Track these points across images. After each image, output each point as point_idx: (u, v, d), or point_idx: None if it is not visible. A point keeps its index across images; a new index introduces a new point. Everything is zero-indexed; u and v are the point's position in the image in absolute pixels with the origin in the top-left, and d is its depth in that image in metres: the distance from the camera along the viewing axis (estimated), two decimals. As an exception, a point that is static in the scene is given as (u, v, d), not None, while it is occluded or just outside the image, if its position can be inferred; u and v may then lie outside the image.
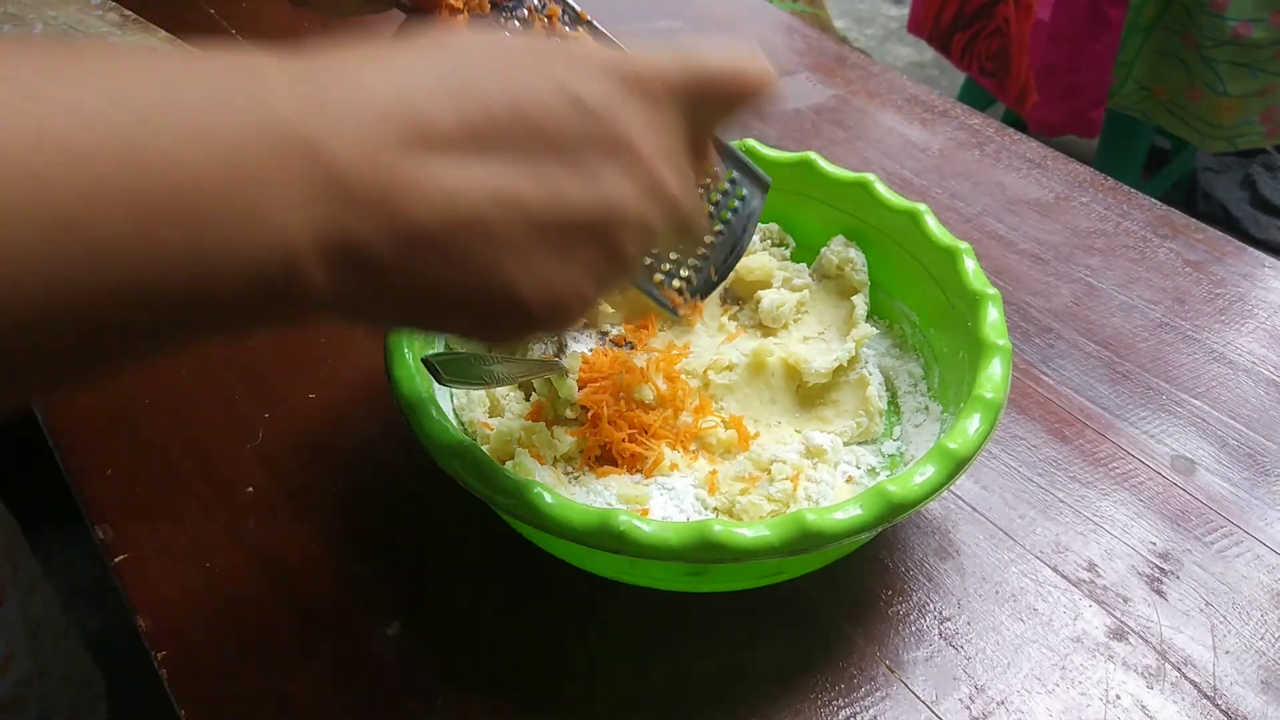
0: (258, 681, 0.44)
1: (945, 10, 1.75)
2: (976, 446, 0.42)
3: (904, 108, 0.87)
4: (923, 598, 0.48)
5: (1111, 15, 1.45)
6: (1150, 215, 0.74)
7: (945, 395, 0.52)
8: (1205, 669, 0.46)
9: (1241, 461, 0.56)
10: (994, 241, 0.71)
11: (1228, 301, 0.67)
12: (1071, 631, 0.47)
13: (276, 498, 0.52)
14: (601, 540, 0.38)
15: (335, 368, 0.59)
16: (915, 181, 0.77)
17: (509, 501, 0.40)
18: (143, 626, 0.46)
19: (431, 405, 0.43)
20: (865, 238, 0.58)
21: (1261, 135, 1.52)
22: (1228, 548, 0.51)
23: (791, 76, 0.91)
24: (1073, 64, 1.50)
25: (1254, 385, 0.61)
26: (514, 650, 0.46)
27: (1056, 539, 0.51)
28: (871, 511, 0.39)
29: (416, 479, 0.53)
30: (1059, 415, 0.58)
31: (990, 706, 0.44)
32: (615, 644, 0.46)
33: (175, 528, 0.50)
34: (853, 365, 0.55)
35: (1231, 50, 1.42)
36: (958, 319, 0.51)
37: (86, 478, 0.53)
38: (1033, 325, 0.64)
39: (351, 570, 0.49)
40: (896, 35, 2.77)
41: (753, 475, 0.48)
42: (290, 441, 0.55)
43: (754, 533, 0.38)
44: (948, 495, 0.53)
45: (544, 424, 0.51)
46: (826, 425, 0.53)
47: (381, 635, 0.46)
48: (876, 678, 0.45)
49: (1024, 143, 0.82)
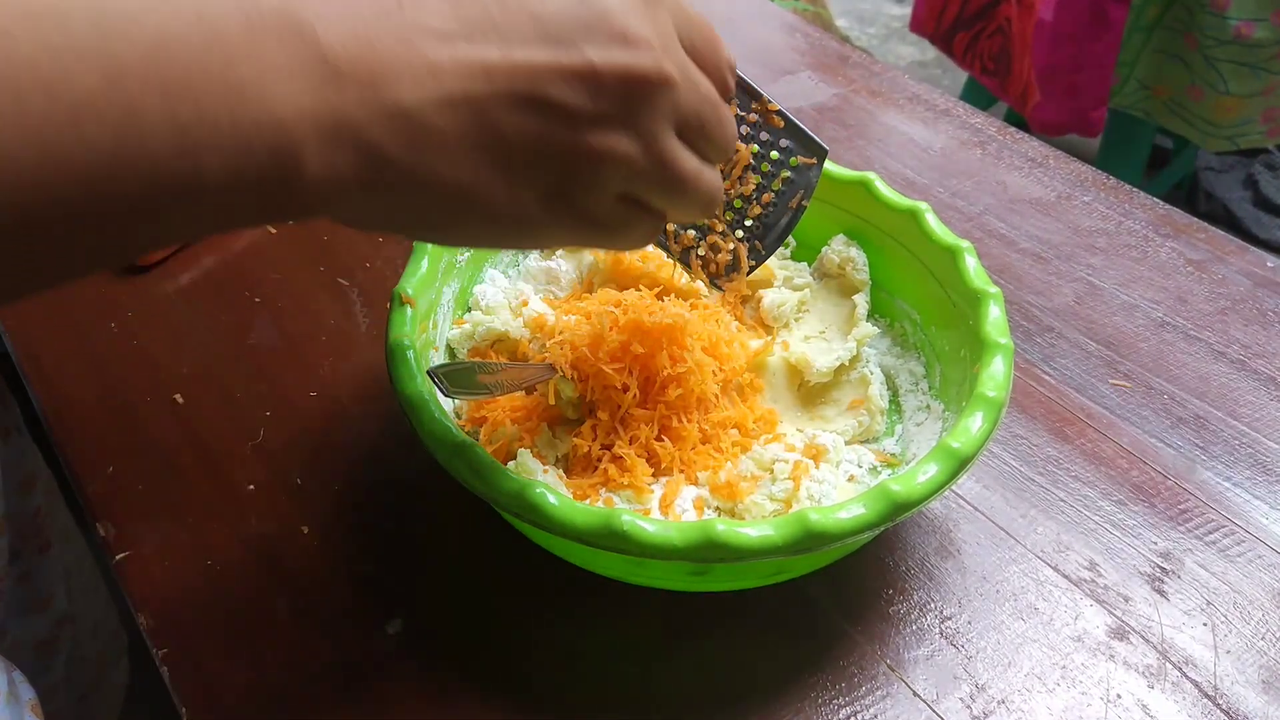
0: (259, 679, 0.44)
1: (947, 9, 1.75)
2: (979, 445, 0.42)
3: (906, 107, 0.87)
4: (924, 597, 0.48)
5: (1113, 15, 1.45)
6: (1152, 214, 0.74)
7: (947, 394, 0.52)
8: (1206, 668, 0.46)
9: (1242, 461, 0.56)
10: (995, 240, 0.71)
11: (1229, 301, 0.67)
12: (1072, 631, 0.47)
13: (278, 496, 0.52)
14: (605, 540, 0.38)
15: (337, 366, 0.59)
16: (917, 180, 0.77)
17: (511, 501, 0.40)
18: (144, 624, 0.46)
19: (433, 404, 0.43)
20: (866, 236, 0.57)
21: (1263, 135, 1.52)
22: (1229, 547, 0.51)
23: (793, 75, 0.91)
24: (1074, 63, 1.50)
25: (1255, 385, 0.61)
26: (515, 649, 0.46)
27: (1057, 538, 0.51)
28: (875, 511, 0.39)
29: (418, 478, 0.53)
30: (1060, 414, 0.58)
31: (991, 705, 0.44)
32: (617, 643, 0.46)
33: (177, 526, 0.50)
34: (854, 364, 0.55)
35: (1233, 50, 1.42)
36: (959, 318, 0.51)
37: (88, 475, 0.53)
38: (1034, 324, 0.64)
39: (353, 568, 0.49)
40: (898, 34, 2.77)
41: (755, 475, 0.48)
42: (292, 440, 0.55)
43: (757, 532, 0.38)
44: (949, 494, 0.53)
45: (545, 424, 0.51)
46: (828, 424, 0.53)
47: (382, 633, 0.46)
48: (877, 676, 0.45)
49: (1026, 142, 0.82)
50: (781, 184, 0.42)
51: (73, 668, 0.69)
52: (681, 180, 0.33)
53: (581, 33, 0.29)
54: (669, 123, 0.32)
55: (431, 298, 0.51)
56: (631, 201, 0.33)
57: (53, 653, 0.66)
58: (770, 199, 0.42)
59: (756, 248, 0.43)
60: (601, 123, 0.30)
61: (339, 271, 0.66)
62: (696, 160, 0.33)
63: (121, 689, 0.78)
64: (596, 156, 0.30)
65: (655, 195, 0.33)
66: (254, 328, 0.62)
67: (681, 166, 0.32)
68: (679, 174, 0.32)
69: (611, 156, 0.30)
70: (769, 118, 0.42)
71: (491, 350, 0.55)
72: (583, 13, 0.29)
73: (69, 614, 0.67)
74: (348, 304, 0.64)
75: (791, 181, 0.42)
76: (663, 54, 0.30)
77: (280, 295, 0.64)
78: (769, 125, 0.42)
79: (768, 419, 0.52)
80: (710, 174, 0.34)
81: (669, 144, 0.32)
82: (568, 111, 0.29)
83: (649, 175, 0.32)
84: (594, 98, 0.29)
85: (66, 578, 0.67)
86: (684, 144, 0.33)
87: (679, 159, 0.32)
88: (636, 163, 0.31)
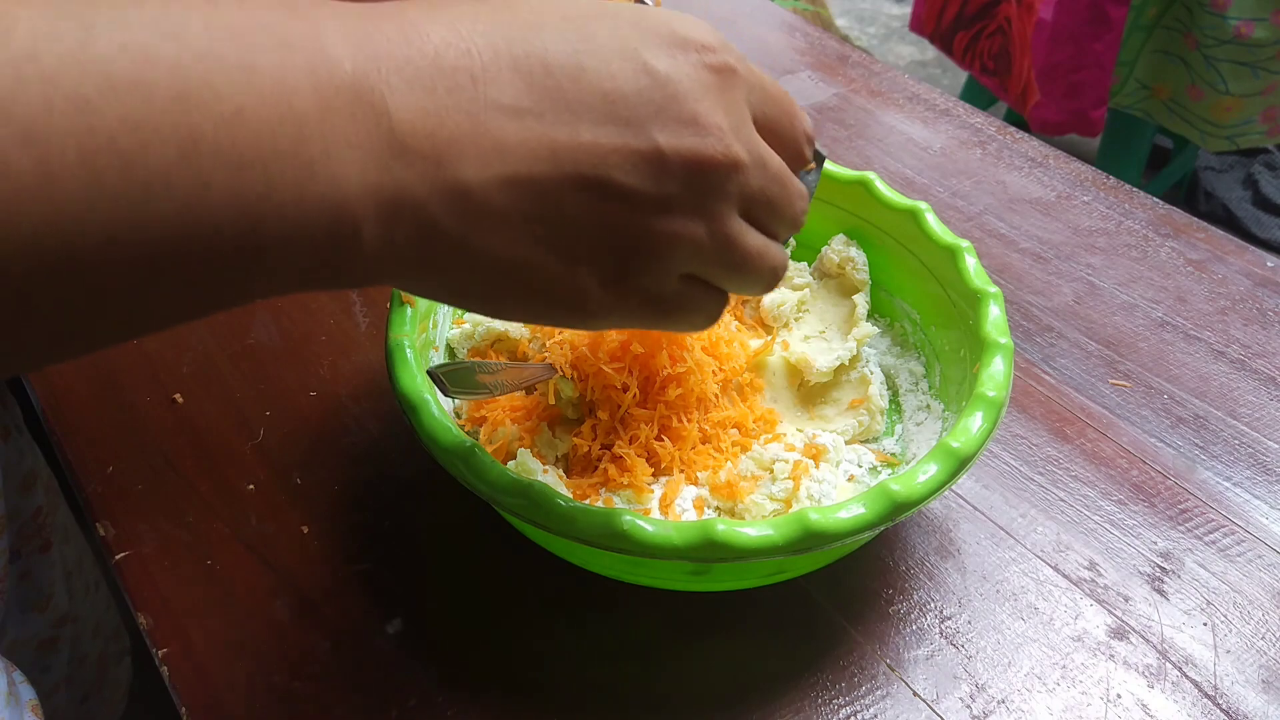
0: (259, 679, 0.44)
1: (947, 9, 1.75)
2: (979, 445, 0.42)
3: (906, 106, 0.87)
4: (923, 596, 0.48)
5: (1113, 14, 1.45)
6: (1152, 214, 0.74)
7: (947, 394, 0.52)
8: (1206, 668, 0.46)
9: (1242, 461, 0.56)
10: (995, 240, 0.71)
11: (1229, 301, 0.67)
12: (1072, 630, 0.47)
13: (278, 495, 0.52)
14: (605, 540, 0.38)
15: (337, 366, 0.59)
16: (917, 180, 0.77)
17: (511, 502, 0.40)
18: (143, 624, 0.46)
19: (433, 404, 0.43)
20: (866, 236, 0.58)
21: (1263, 134, 1.52)
22: (1229, 547, 0.51)
23: (793, 75, 0.91)
24: (1074, 63, 1.50)
25: (1255, 384, 0.61)
26: (515, 649, 0.46)
27: (1057, 538, 0.51)
28: (875, 510, 0.39)
29: (418, 477, 0.53)
30: (1060, 414, 0.58)
31: (991, 705, 0.44)
32: (616, 643, 0.46)
33: (176, 525, 0.50)
34: (854, 364, 0.55)
35: (1233, 49, 1.42)
36: (959, 317, 0.51)
37: (88, 475, 0.53)
38: (1034, 324, 0.64)
39: (353, 568, 0.49)
40: (898, 34, 2.77)
41: (755, 474, 0.48)
42: (292, 439, 0.55)
43: (758, 532, 0.38)
44: (949, 494, 0.53)
45: (545, 424, 0.51)
46: (828, 424, 0.53)
47: (382, 633, 0.46)
48: (877, 676, 0.45)
49: (1026, 142, 0.82)
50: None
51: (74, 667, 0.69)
52: (745, 260, 0.32)
53: (651, 115, 0.28)
54: (735, 203, 0.31)
55: (431, 297, 0.51)
56: (695, 281, 0.33)
57: (53, 652, 0.66)
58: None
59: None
60: (666, 206, 0.29)
61: (339, 271, 0.66)
62: (762, 238, 0.33)
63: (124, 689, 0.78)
64: (660, 240, 0.30)
65: (719, 275, 0.33)
66: (254, 328, 0.62)
67: (746, 246, 0.32)
68: (743, 255, 0.32)
69: (675, 240, 0.30)
70: None
71: (491, 350, 0.55)
72: (655, 95, 0.29)
73: (70, 614, 0.67)
74: (347, 304, 0.64)
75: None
76: (733, 137, 0.30)
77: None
78: None
79: (768, 419, 0.52)
80: (775, 251, 0.34)
81: (733, 225, 0.31)
82: (632, 195, 0.29)
83: (713, 257, 0.31)
84: (659, 182, 0.29)
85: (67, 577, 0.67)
86: (750, 221, 0.32)
87: (743, 240, 0.32)
88: (701, 245, 0.31)
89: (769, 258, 0.33)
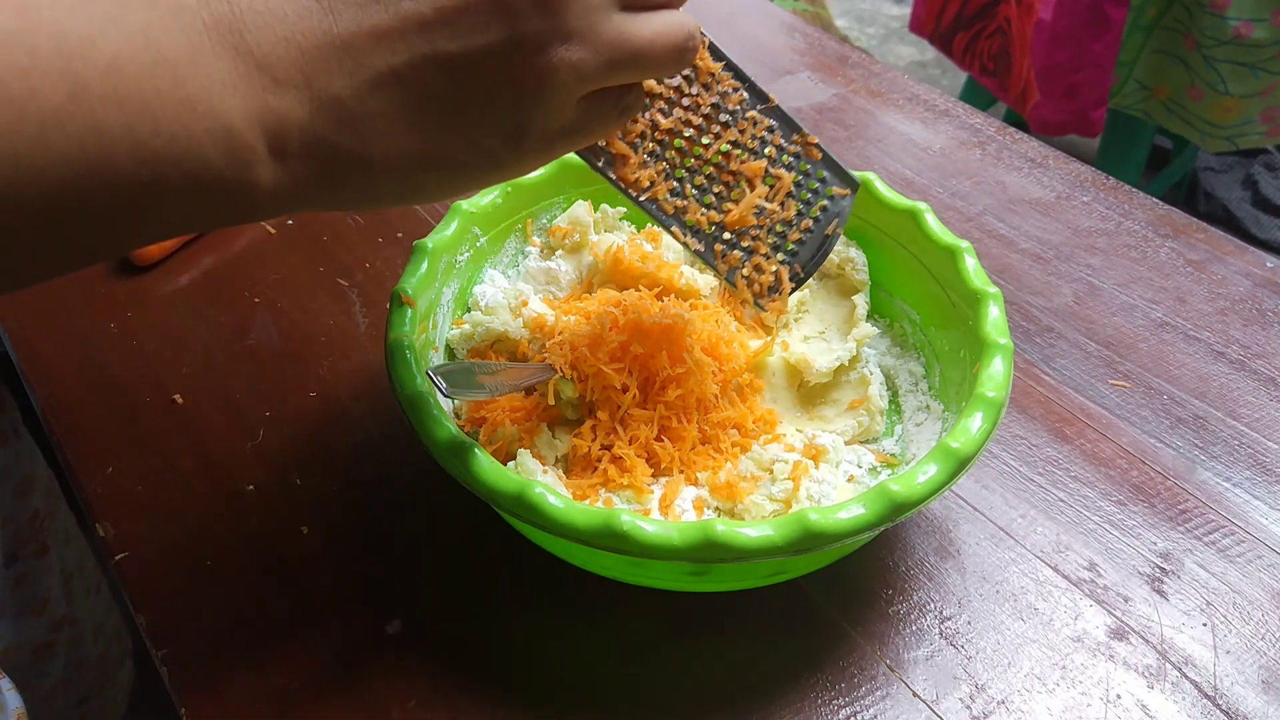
0: (258, 679, 0.44)
1: (947, 10, 1.75)
2: (979, 445, 0.42)
3: (905, 107, 0.87)
4: (923, 597, 0.48)
5: (1113, 15, 1.45)
6: (1151, 215, 0.74)
7: (946, 394, 0.52)
8: (1206, 669, 0.46)
9: (1242, 461, 0.56)
10: (995, 241, 0.71)
11: (1229, 301, 0.67)
12: (1072, 631, 0.47)
13: (277, 496, 0.52)
14: (604, 540, 0.38)
15: (336, 366, 0.59)
16: (916, 180, 0.77)
17: (511, 502, 0.40)
18: (143, 624, 0.46)
19: (433, 404, 0.43)
20: (866, 237, 0.58)
21: (1262, 135, 1.52)
22: (1229, 547, 0.51)
23: (792, 75, 0.91)
24: (1074, 64, 1.50)
25: (1255, 385, 0.61)
26: (515, 649, 0.46)
27: (1057, 538, 0.51)
28: (874, 511, 0.39)
29: (417, 478, 0.53)
30: (1060, 415, 0.58)
31: (990, 706, 0.44)
32: (616, 643, 0.46)
33: (176, 526, 0.50)
34: (854, 364, 0.55)
35: (1233, 50, 1.42)
36: (959, 318, 0.51)
37: (88, 476, 0.53)
38: (1034, 324, 0.64)
39: (352, 568, 0.49)
40: (898, 34, 2.77)
41: (754, 475, 0.48)
42: (291, 440, 0.55)
43: (757, 532, 0.38)
44: (949, 494, 0.53)
45: (544, 424, 0.51)
46: (828, 424, 0.53)
47: (382, 633, 0.46)
48: (877, 677, 0.45)
49: (1025, 142, 0.82)
50: (819, 211, 0.45)
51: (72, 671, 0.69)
52: (639, 55, 0.31)
53: None
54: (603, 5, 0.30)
55: (431, 298, 0.51)
56: (599, 94, 0.32)
57: (50, 657, 0.66)
58: (808, 225, 0.45)
59: (796, 271, 0.45)
60: (531, 45, 0.28)
61: (338, 271, 0.66)
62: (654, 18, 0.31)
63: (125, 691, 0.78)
64: (538, 80, 0.29)
65: (621, 78, 0.31)
66: (254, 328, 0.62)
67: (634, 43, 0.30)
68: (634, 52, 0.30)
69: (553, 73, 0.29)
70: (808, 150, 0.44)
71: (491, 351, 0.55)
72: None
73: (68, 616, 0.67)
74: (347, 304, 0.64)
75: (827, 210, 0.45)
76: None
77: (280, 295, 0.64)
78: (808, 157, 0.44)
79: (767, 419, 0.52)
80: (672, 26, 0.32)
81: (609, 29, 0.30)
82: (492, 49, 0.28)
83: (603, 70, 0.30)
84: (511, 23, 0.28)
85: (66, 580, 0.67)
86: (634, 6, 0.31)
87: (627, 37, 0.30)
88: (584, 65, 0.29)
89: (666, 36, 0.31)
